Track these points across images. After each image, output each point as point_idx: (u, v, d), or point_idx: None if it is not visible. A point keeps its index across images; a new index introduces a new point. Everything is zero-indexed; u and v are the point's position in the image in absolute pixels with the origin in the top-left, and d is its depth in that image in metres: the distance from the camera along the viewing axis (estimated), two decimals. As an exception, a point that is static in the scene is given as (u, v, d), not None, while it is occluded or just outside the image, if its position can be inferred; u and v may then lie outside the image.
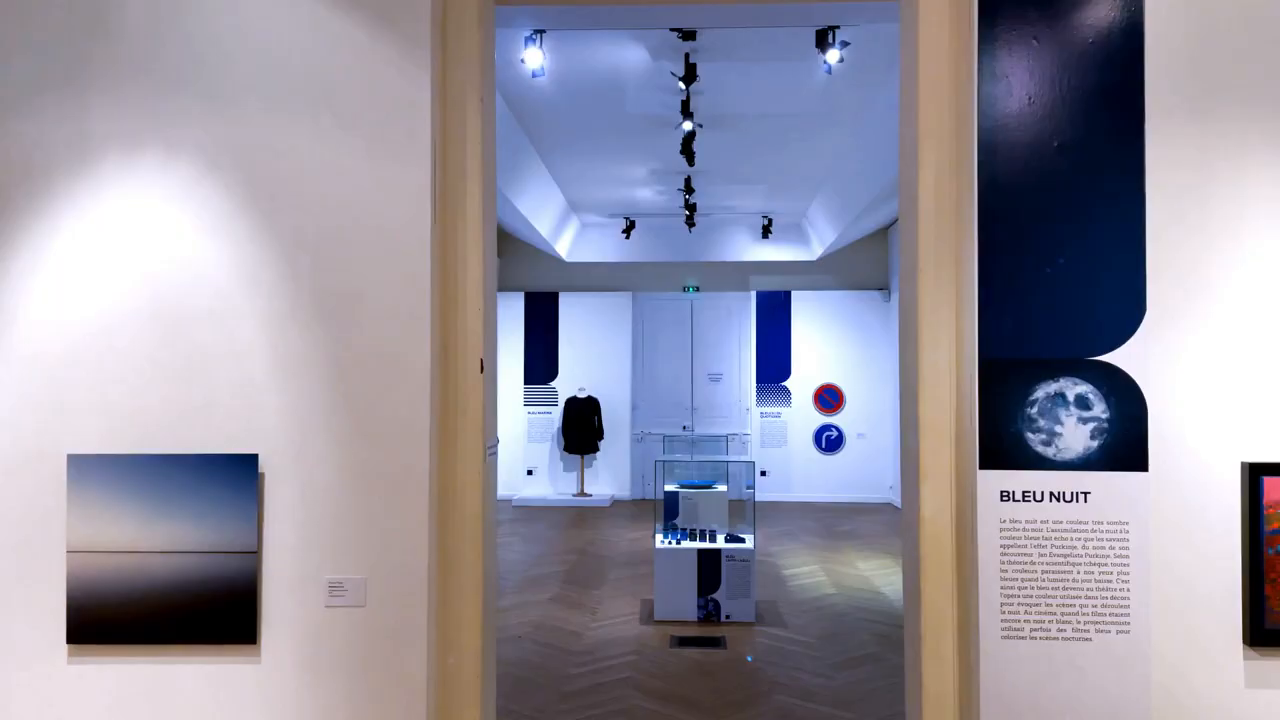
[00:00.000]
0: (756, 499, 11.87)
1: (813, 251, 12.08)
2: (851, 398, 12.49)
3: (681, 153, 7.23)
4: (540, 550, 9.09)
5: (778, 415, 12.56)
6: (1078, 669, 2.62)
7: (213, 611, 2.69)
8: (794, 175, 9.15)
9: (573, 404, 12.32)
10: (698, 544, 6.44)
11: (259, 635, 2.71)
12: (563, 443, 12.41)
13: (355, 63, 2.73)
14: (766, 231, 11.79)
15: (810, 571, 8.21)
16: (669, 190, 9.79)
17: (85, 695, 2.72)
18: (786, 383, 12.58)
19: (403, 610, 2.70)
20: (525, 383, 12.66)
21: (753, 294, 12.64)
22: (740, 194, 10.25)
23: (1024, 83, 2.68)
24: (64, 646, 2.71)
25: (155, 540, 2.69)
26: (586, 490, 12.47)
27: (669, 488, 7.27)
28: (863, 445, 12.43)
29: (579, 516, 11.24)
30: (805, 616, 6.68)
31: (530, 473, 12.59)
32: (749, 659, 4.78)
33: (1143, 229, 2.64)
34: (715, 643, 5.97)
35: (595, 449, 12.42)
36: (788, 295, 12.58)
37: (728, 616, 6.36)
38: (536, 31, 5.07)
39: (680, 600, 6.38)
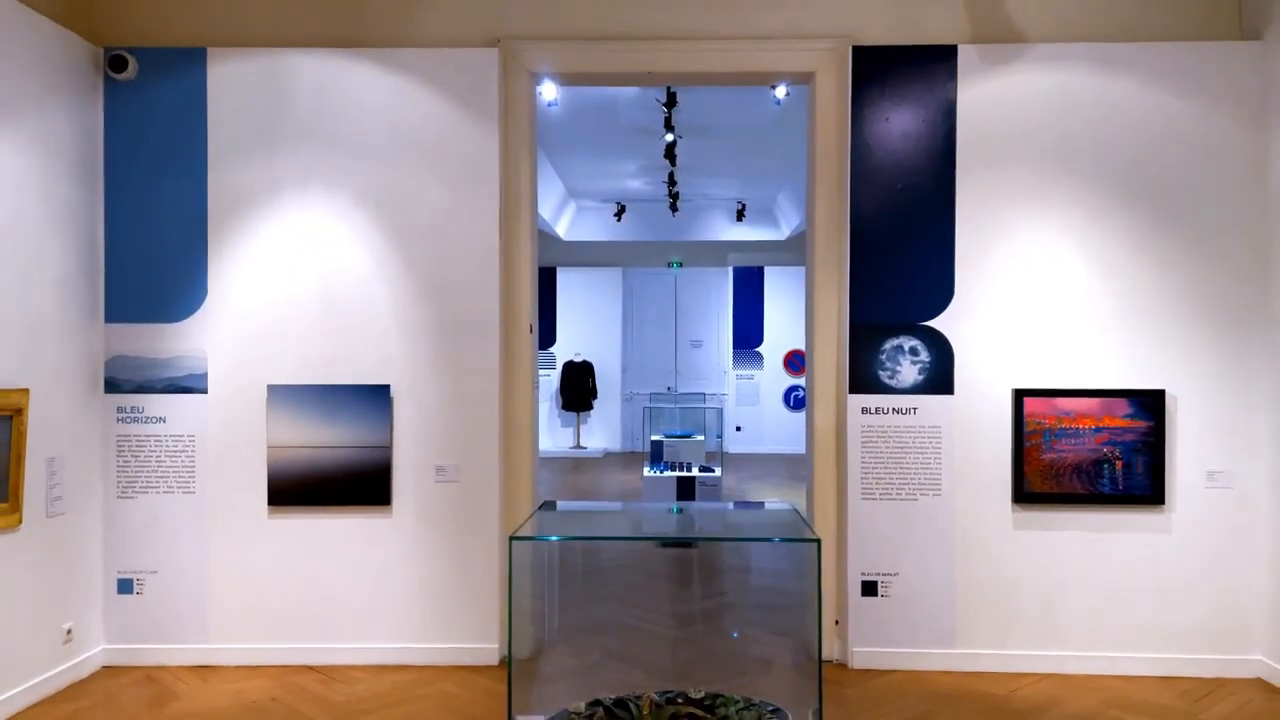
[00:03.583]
0: (733, 451, 13.46)
1: (781, 232, 13.35)
2: (817, 362, 13.86)
3: (665, 156, 8.62)
4: (545, 491, 10.63)
5: (751, 377, 13.97)
6: (908, 518, 4.17)
7: (361, 484, 4.18)
8: (762, 170, 10.51)
9: (569, 367, 13.76)
10: (677, 473, 7.99)
11: (391, 500, 4.21)
12: (560, 401, 13.84)
13: (448, 129, 4.18)
14: (741, 215, 13.01)
15: (772, 501, 9.79)
16: (655, 181, 11.09)
17: (279, 538, 4.22)
18: (759, 348, 13.93)
19: (482, 484, 4.21)
20: (526, 349, 13.97)
21: (730, 269, 13.89)
22: (717, 184, 11.55)
23: (879, 146, 4.17)
24: (266, 508, 4.21)
25: (323, 439, 4.19)
26: (582, 443, 13.94)
27: (655, 438, 8.69)
28: (827, 404, 13.74)
29: (576, 465, 12.76)
30: (763, 533, 8.26)
31: (531, 429, 13.99)
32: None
33: (953, 242, 4.15)
34: (689, 545, 7.54)
35: (589, 407, 13.86)
36: (761, 271, 13.90)
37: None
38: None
39: (663, 518, 7.93)
